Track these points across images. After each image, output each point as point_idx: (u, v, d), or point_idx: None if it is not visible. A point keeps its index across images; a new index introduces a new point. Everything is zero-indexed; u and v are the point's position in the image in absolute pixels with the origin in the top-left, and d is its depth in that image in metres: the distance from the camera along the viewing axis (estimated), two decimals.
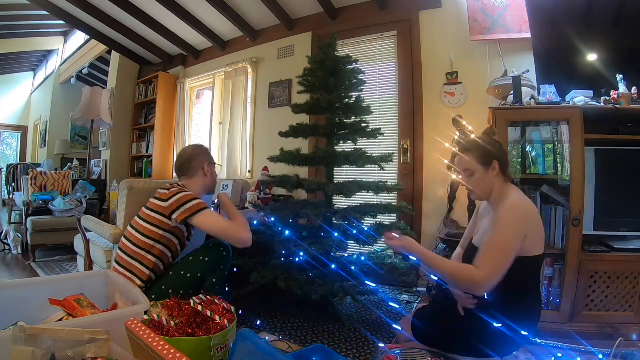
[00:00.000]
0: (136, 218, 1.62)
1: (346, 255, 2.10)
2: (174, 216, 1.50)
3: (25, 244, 3.43)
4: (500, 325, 1.26)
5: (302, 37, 3.46)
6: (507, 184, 1.41)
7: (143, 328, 0.87)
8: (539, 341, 1.67)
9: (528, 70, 2.13)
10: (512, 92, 2.00)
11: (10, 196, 4.50)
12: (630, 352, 1.40)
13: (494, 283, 1.20)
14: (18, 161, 6.83)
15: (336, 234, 1.95)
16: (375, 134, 2.10)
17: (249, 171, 3.75)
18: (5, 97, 7.64)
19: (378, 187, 2.02)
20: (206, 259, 1.58)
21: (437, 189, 2.68)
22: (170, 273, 1.56)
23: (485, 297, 1.31)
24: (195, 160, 1.70)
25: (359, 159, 2.00)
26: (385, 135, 2.31)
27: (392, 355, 1.30)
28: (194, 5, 3.58)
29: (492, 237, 1.27)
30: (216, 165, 1.82)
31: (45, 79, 7.16)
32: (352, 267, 1.92)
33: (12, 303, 1.20)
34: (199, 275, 1.55)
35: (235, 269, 1.93)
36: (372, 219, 2.04)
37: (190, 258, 1.59)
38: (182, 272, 1.55)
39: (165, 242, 1.55)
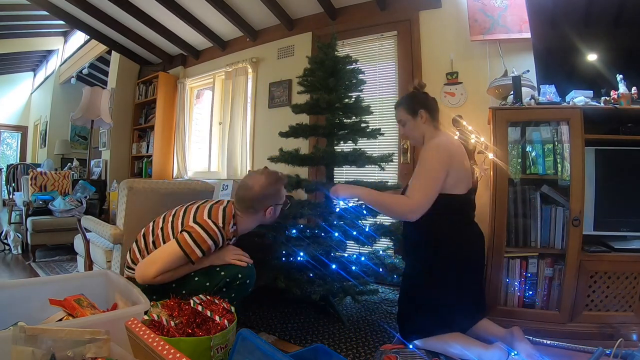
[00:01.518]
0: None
1: (346, 255, 2.10)
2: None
3: (25, 244, 3.42)
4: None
5: (302, 37, 3.46)
6: (438, 131, 1.62)
7: (143, 328, 0.87)
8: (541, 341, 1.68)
9: (528, 70, 2.13)
10: (512, 92, 1.99)
11: (10, 196, 4.50)
12: (630, 352, 1.40)
13: (423, 209, 1.40)
14: (18, 161, 6.84)
15: (336, 234, 1.95)
16: (375, 134, 2.10)
17: (249, 171, 3.74)
18: (5, 97, 7.63)
19: (378, 187, 2.02)
20: (222, 273, 1.48)
21: None
22: (195, 278, 1.48)
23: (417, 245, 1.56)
24: (263, 201, 1.54)
25: (359, 159, 2.00)
26: (385, 135, 2.31)
27: (392, 355, 1.30)
28: (194, 5, 3.57)
29: (418, 170, 1.47)
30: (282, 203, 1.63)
31: (45, 79, 7.16)
32: (352, 267, 1.93)
33: (12, 303, 1.20)
34: (207, 284, 1.45)
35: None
36: (372, 219, 2.04)
37: (217, 268, 1.49)
38: (194, 275, 1.48)
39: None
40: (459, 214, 1.51)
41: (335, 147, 2.14)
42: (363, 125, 2.13)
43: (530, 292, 1.88)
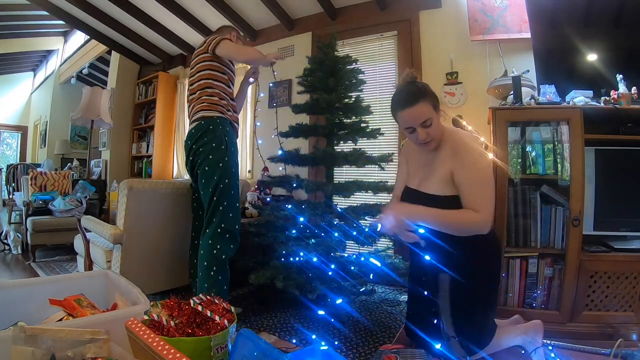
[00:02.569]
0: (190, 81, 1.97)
1: (345, 255, 2.10)
2: (209, 49, 1.87)
3: (25, 244, 3.42)
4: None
5: (302, 37, 3.46)
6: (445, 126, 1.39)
7: (143, 328, 0.87)
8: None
9: (528, 70, 2.13)
10: (512, 92, 1.99)
11: (10, 196, 4.51)
12: (630, 352, 1.40)
13: (492, 218, 1.24)
14: (18, 161, 6.83)
15: (336, 234, 1.95)
16: (375, 134, 2.10)
17: (249, 171, 3.75)
18: (5, 97, 7.63)
19: (377, 187, 2.02)
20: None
21: None
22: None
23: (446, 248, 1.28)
24: (224, 29, 2.11)
25: (359, 159, 2.00)
26: (385, 135, 2.31)
27: (392, 355, 1.30)
28: (194, 5, 3.58)
29: (471, 176, 1.23)
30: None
31: (45, 79, 7.16)
32: (352, 267, 1.92)
33: (12, 303, 1.20)
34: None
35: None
36: (371, 219, 2.04)
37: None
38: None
39: (219, 70, 1.89)
40: None
41: (335, 147, 2.14)
42: (363, 125, 2.13)
43: (530, 292, 1.88)
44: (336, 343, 1.69)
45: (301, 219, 1.97)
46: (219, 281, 1.72)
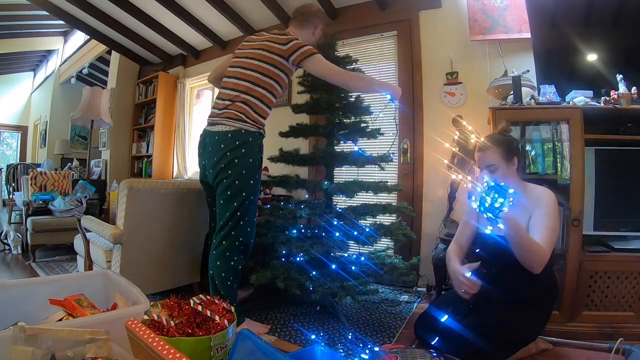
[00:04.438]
0: (243, 62, 1.77)
1: (346, 255, 2.10)
2: (292, 58, 1.69)
3: (25, 244, 3.42)
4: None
5: None
6: (519, 178, 1.56)
7: (143, 328, 0.87)
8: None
9: (528, 70, 2.13)
10: (512, 92, 1.99)
11: (10, 196, 4.50)
12: (629, 347, 1.41)
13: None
14: (18, 161, 6.84)
15: (337, 234, 1.95)
16: (375, 134, 2.10)
17: None
18: (5, 97, 7.64)
19: (378, 187, 2.02)
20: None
21: (437, 189, 2.68)
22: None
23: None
24: (315, 17, 1.92)
25: (359, 159, 2.00)
26: (385, 135, 2.31)
27: (392, 355, 1.30)
28: (194, 5, 3.57)
29: (547, 224, 1.41)
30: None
31: (45, 79, 7.16)
32: (352, 267, 1.92)
33: (12, 303, 1.20)
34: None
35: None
36: (372, 219, 2.04)
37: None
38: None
39: (279, 80, 1.75)
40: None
41: (335, 147, 2.14)
42: (363, 125, 2.13)
43: None
44: (336, 343, 1.69)
45: (301, 219, 1.97)
46: (234, 289, 1.74)
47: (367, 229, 1.95)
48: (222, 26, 3.84)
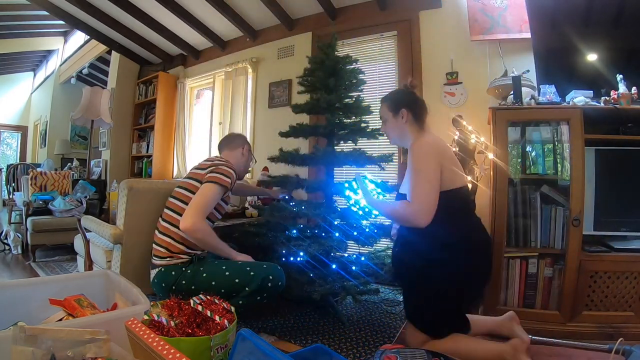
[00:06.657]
0: (172, 198, 1.74)
1: (346, 255, 2.10)
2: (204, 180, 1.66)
3: (25, 244, 3.42)
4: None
5: (302, 37, 3.46)
6: (423, 131, 1.55)
7: (143, 328, 0.87)
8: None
9: (528, 70, 2.13)
10: (512, 92, 1.99)
11: (10, 196, 4.51)
12: (629, 348, 1.41)
13: (429, 213, 1.33)
14: (18, 161, 6.84)
15: (337, 234, 1.95)
16: (375, 134, 2.10)
17: (249, 171, 3.75)
18: (5, 97, 7.63)
19: (378, 187, 2.02)
20: (252, 273, 1.55)
21: None
22: (216, 263, 1.63)
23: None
24: (238, 139, 1.96)
25: (359, 159, 2.00)
26: (385, 135, 2.31)
27: (392, 355, 1.30)
28: (194, 5, 3.57)
29: (411, 175, 1.40)
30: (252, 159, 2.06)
31: (45, 79, 7.16)
32: (352, 267, 1.92)
33: (12, 303, 1.20)
34: (236, 281, 1.54)
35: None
36: (372, 219, 2.04)
37: (240, 263, 1.61)
38: (225, 269, 1.58)
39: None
40: (465, 206, 1.49)
41: (335, 147, 2.14)
42: (363, 125, 2.12)
43: (530, 292, 1.88)
44: (336, 343, 1.69)
45: (301, 219, 1.97)
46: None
47: (367, 229, 1.95)
48: (222, 26, 3.84)
